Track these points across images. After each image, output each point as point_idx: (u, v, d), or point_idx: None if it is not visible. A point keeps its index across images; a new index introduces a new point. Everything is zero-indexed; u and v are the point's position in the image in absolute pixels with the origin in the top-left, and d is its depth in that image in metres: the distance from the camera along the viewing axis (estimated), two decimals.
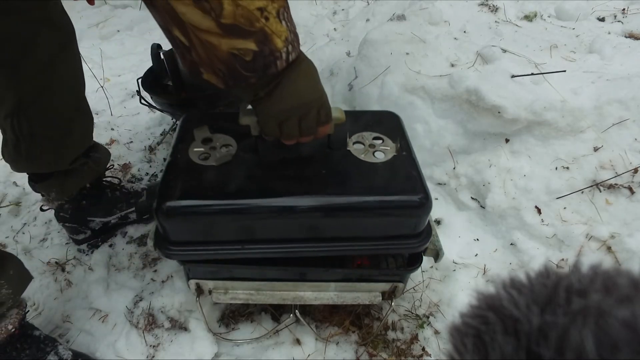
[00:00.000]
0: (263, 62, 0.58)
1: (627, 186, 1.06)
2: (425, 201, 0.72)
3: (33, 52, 0.81)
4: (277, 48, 0.58)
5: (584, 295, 0.24)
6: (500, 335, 0.25)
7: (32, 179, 1.02)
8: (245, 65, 0.57)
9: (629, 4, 1.60)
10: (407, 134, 0.86)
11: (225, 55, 0.56)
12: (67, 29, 0.88)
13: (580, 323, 0.23)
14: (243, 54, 0.56)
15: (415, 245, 0.77)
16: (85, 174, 1.05)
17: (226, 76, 0.59)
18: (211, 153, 0.77)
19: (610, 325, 0.22)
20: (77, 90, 0.95)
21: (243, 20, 0.53)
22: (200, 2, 0.51)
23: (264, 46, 0.56)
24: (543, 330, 0.24)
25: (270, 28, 0.56)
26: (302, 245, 0.76)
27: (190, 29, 0.54)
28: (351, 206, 0.72)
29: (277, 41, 0.57)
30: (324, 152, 0.78)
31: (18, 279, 0.79)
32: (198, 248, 0.75)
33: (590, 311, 0.23)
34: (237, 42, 0.55)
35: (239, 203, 0.71)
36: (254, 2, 0.53)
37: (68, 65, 0.89)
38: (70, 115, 0.93)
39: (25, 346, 0.82)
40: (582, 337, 0.22)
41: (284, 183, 0.73)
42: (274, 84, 0.63)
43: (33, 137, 0.89)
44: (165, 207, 0.69)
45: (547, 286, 0.26)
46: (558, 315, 0.24)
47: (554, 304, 0.25)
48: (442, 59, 1.31)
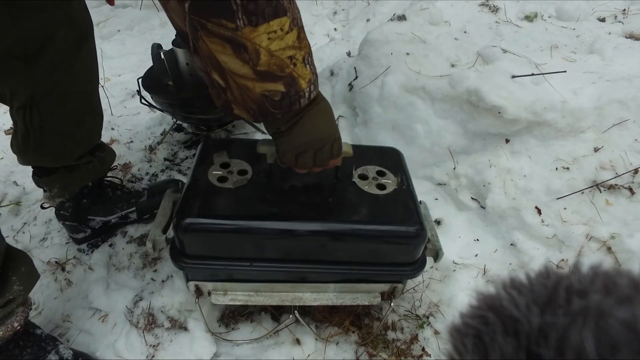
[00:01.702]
0: (289, 101, 0.66)
1: (628, 187, 1.06)
2: (421, 232, 0.79)
3: (51, 48, 0.82)
4: (301, 89, 0.66)
5: (584, 296, 0.24)
6: (500, 336, 0.25)
7: (37, 173, 1.02)
8: (274, 104, 0.66)
9: (629, 4, 1.60)
10: (407, 168, 0.93)
11: (258, 96, 0.65)
12: (86, 27, 0.89)
13: (581, 323, 0.23)
14: (273, 95, 0.65)
15: (410, 273, 0.84)
16: (90, 172, 1.05)
17: (256, 113, 0.68)
18: (228, 177, 0.83)
19: (611, 326, 0.22)
20: (91, 88, 0.96)
21: (275, 68, 0.62)
22: (241, 54, 0.59)
23: (290, 87, 0.65)
24: (543, 330, 0.24)
25: (297, 72, 0.64)
26: (306, 266, 0.82)
27: (228, 74, 0.63)
28: (353, 232, 0.79)
29: (302, 83, 0.66)
30: (332, 182, 0.86)
31: (28, 276, 0.80)
32: (210, 262, 0.80)
33: (590, 311, 0.23)
34: (268, 85, 0.64)
35: (251, 223, 0.77)
36: (285, 51, 0.61)
37: (83, 63, 0.90)
38: (81, 112, 0.94)
39: (27, 344, 0.83)
40: (582, 337, 0.22)
41: (293, 208, 0.80)
42: (295, 120, 0.71)
43: (43, 130, 0.90)
44: (184, 223, 0.75)
45: (547, 286, 0.26)
46: (558, 316, 0.24)
47: (554, 305, 0.25)
48: (442, 59, 1.31)
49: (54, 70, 0.84)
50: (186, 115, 1.34)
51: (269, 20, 0.57)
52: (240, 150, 0.90)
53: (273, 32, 0.58)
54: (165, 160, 1.43)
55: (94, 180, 1.08)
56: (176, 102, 1.31)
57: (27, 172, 1.38)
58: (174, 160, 1.43)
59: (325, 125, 0.74)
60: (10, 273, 0.77)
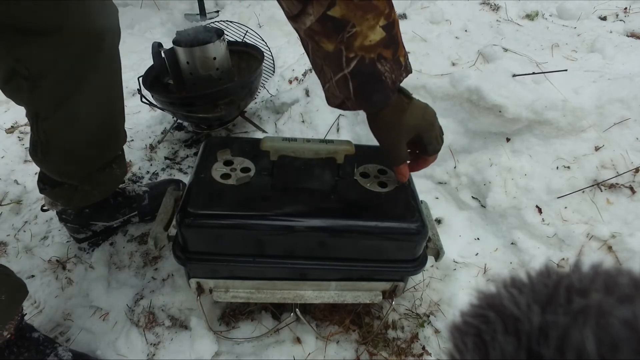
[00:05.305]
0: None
1: (628, 186, 1.06)
2: (422, 229, 0.79)
3: (54, 72, 0.77)
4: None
5: (585, 295, 0.24)
6: (501, 335, 0.25)
7: (42, 180, 0.99)
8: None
9: (630, 3, 1.60)
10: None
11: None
12: (97, 42, 0.79)
13: (581, 322, 0.23)
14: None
15: (411, 270, 0.85)
16: (94, 196, 1.03)
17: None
18: (231, 174, 0.83)
19: (611, 325, 0.22)
20: (106, 107, 0.89)
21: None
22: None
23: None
24: (544, 329, 0.23)
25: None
26: (308, 262, 0.82)
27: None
28: (355, 229, 0.79)
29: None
30: (334, 180, 0.85)
31: (6, 306, 0.75)
32: (213, 259, 0.80)
33: (591, 311, 0.23)
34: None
35: (254, 220, 0.77)
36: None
37: (97, 80, 0.82)
38: (92, 131, 0.88)
39: (22, 350, 0.81)
40: (583, 336, 0.22)
41: (296, 205, 0.80)
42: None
43: (49, 145, 0.87)
44: (188, 219, 0.75)
45: (548, 285, 0.26)
46: (559, 315, 0.24)
47: (554, 304, 0.25)
48: (443, 58, 1.31)
49: (58, 90, 0.79)
50: (187, 114, 1.33)
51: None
52: (243, 148, 0.91)
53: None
54: (166, 159, 1.43)
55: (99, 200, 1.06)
56: (177, 101, 1.31)
57: (27, 171, 1.39)
58: (175, 159, 1.43)
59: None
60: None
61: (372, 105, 0.70)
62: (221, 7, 2.29)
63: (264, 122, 1.52)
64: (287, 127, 1.45)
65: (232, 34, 1.70)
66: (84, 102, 0.83)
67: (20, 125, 1.62)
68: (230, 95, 1.30)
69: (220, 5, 2.33)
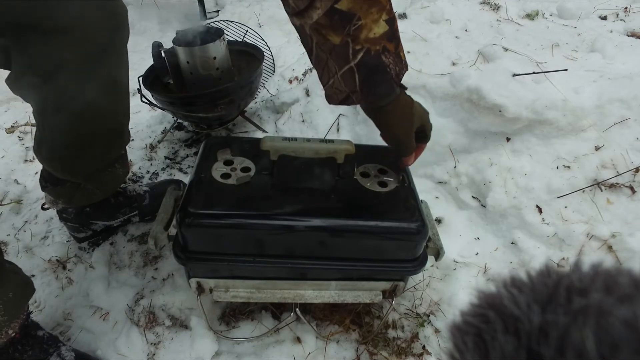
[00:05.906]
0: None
1: (629, 185, 1.06)
2: (422, 228, 0.79)
3: (62, 72, 0.76)
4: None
5: (585, 295, 0.24)
6: (501, 334, 0.25)
7: (44, 177, 0.99)
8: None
9: (631, 2, 1.60)
10: (408, 167, 0.92)
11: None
12: (103, 42, 0.79)
13: (581, 322, 0.23)
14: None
15: (411, 270, 0.85)
16: (96, 195, 1.03)
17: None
18: (232, 173, 0.83)
19: (611, 325, 0.22)
20: (111, 107, 0.88)
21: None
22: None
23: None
24: (544, 329, 0.24)
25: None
26: (308, 262, 0.82)
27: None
28: (356, 228, 0.79)
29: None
30: (334, 179, 0.85)
31: (15, 303, 0.76)
32: (213, 258, 0.80)
33: (591, 310, 0.23)
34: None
35: (254, 219, 0.77)
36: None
37: (103, 78, 0.82)
38: (95, 130, 0.87)
39: (27, 348, 0.81)
40: (583, 336, 0.22)
41: (296, 204, 0.80)
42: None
43: (53, 142, 0.87)
44: (188, 218, 0.75)
45: (548, 285, 0.26)
46: (559, 315, 0.24)
47: (554, 303, 0.25)
48: (443, 57, 1.31)
49: (67, 88, 0.78)
50: (187, 114, 1.33)
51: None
52: (243, 147, 0.91)
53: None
54: (166, 159, 1.43)
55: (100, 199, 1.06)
56: (177, 101, 1.31)
57: (28, 171, 1.39)
58: (175, 159, 1.43)
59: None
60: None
61: (378, 98, 0.70)
62: (221, 7, 2.29)
63: (264, 122, 1.52)
64: (287, 126, 1.45)
65: (232, 34, 1.70)
66: (91, 100, 0.83)
67: (20, 125, 1.62)
68: (230, 95, 1.30)
69: (220, 5, 2.33)
